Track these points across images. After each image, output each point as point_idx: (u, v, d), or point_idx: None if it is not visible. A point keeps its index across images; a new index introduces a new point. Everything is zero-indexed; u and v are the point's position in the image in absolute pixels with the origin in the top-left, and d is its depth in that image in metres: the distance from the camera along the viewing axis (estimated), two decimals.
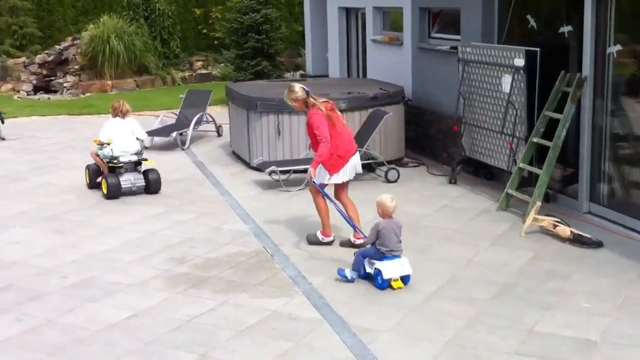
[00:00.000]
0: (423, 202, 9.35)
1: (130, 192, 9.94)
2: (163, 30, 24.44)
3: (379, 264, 6.66)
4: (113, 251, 7.67)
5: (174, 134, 12.93)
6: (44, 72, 22.61)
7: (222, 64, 25.59)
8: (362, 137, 10.49)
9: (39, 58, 22.88)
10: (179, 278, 6.90)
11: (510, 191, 8.77)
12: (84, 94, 21.88)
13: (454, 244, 7.70)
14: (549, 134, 8.57)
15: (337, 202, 7.79)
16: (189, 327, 5.86)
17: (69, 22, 27.10)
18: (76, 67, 22.58)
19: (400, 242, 6.82)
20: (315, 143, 7.67)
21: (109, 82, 22.42)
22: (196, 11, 26.86)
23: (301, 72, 21.34)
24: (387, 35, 13.70)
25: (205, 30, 26.73)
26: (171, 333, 5.75)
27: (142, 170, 10.15)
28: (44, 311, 6.20)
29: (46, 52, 23.12)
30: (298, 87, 7.83)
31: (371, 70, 14.22)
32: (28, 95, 21.88)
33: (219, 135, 14.12)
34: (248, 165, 11.20)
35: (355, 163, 7.90)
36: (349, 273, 6.76)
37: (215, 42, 25.94)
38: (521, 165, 8.80)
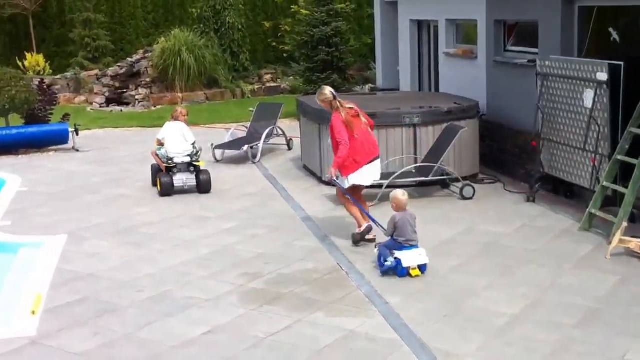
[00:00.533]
0: (500, 220, 9.10)
1: (182, 191, 10.79)
2: (233, 43, 24.62)
3: (398, 254, 7.30)
4: (187, 265, 7.65)
5: (245, 147, 12.93)
6: (116, 84, 22.96)
7: (291, 77, 25.65)
8: (436, 152, 10.32)
9: (111, 70, 23.26)
10: (253, 294, 6.82)
11: (593, 211, 8.45)
12: (155, 107, 22.14)
13: (535, 265, 7.44)
14: (634, 151, 8.25)
15: (358, 202, 8.47)
16: (266, 344, 5.77)
17: (141, 35, 27.54)
18: (148, 79, 22.87)
19: (416, 232, 7.47)
20: (335, 145, 8.26)
21: (180, 95, 22.64)
22: (266, 24, 27.02)
23: (370, 85, 21.23)
24: (461, 48, 13.49)
25: (274, 43, 26.84)
26: (249, 350, 5.67)
27: (194, 171, 11.02)
28: (120, 325, 6.19)
29: (118, 64, 23.50)
30: (328, 89, 8.61)
31: (443, 84, 14.02)
32: (101, 107, 22.24)
33: (290, 148, 14.09)
34: (320, 179, 11.11)
35: (373, 170, 8.51)
36: (380, 267, 7.38)
37: (284, 55, 26.03)
38: (605, 183, 8.48)
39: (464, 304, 6.46)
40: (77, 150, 14.68)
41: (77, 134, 14.86)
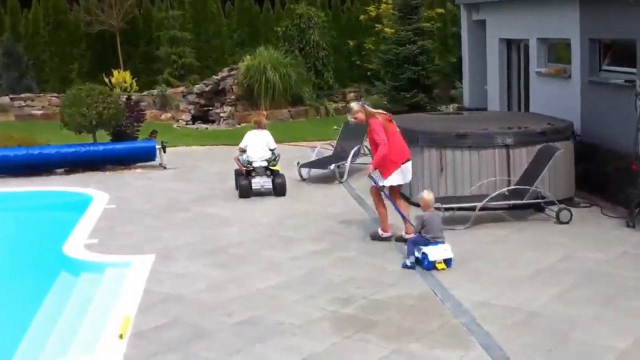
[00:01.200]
0: (600, 246, 8.67)
1: (259, 193, 11.80)
2: (317, 62, 24.60)
3: (425, 249, 8.00)
4: (277, 288, 7.48)
5: (332, 167, 12.77)
6: (202, 101, 23.18)
7: (375, 95, 25.45)
8: (530, 175, 9.96)
9: (197, 88, 23.50)
10: (346, 320, 6.61)
11: None
12: (239, 124, 22.21)
13: None
14: None
15: (392, 199, 9.12)
16: None
17: (226, 52, 27.82)
18: (233, 97, 23.00)
19: (442, 230, 8.16)
20: (374, 147, 9.05)
21: (264, 113, 22.62)
22: (350, 42, 26.94)
23: (455, 104, 20.88)
24: (553, 67, 13.06)
25: (358, 62, 26.75)
26: None
27: (271, 174, 11.97)
28: (211, 351, 6.04)
29: (204, 82, 23.73)
30: (354, 103, 9.56)
31: (535, 104, 13.57)
32: (186, 124, 22.47)
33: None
34: (408, 200, 10.84)
35: (407, 170, 9.16)
36: (407, 261, 8.07)
37: (368, 73, 25.91)
38: None
39: (568, 337, 6.10)
40: (164, 168, 14.78)
41: (165, 151, 14.96)
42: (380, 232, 9.13)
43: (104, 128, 14.65)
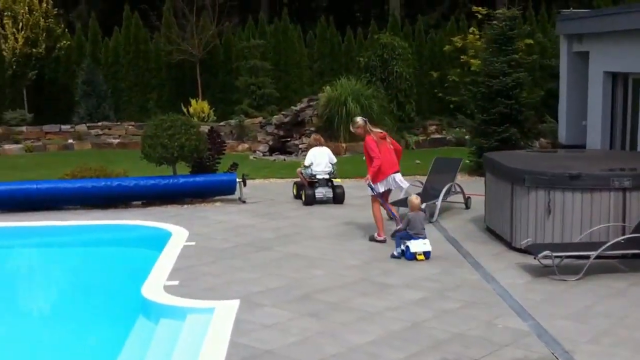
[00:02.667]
0: None
1: (322, 202, 13.68)
2: (399, 93, 23.95)
3: (408, 242, 9.77)
4: (376, 344, 6.69)
5: (424, 206, 11.91)
6: (280, 132, 22.69)
7: (457, 129, 24.66)
8: None
9: (275, 118, 23.05)
10: None
11: None
12: None
13: None
14: None
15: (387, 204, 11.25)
16: None
17: (305, 83, 27.38)
18: (312, 128, 22.43)
19: (424, 229, 9.95)
20: (369, 160, 10.89)
21: (343, 145, 22.08)
22: (433, 74, 26.22)
23: (544, 140, 19.89)
24: None
25: (440, 94, 26.01)
26: None
27: (331, 186, 13.95)
28: None
29: (283, 112, 23.25)
30: (359, 118, 11.33)
31: None
32: (263, 155, 22.00)
33: (467, 207, 13.04)
34: (509, 245, 9.99)
35: (396, 179, 11.11)
36: (395, 252, 9.92)
37: (451, 105, 25.12)
38: None
39: None
40: (244, 202, 14.21)
41: (245, 185, 14.42)
42: (376, 236, 10.82)
43: (185, 160, 14.15)
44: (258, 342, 6.80)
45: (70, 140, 24.97)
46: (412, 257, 9.62)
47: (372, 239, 10.84)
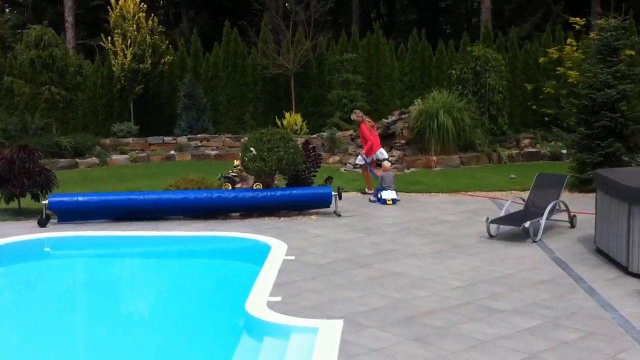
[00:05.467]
0: None
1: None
2: (492, 106, 23.53)
3: (382, 193, 15.62)
4: None
5: (527, 224, 11.58)
6: None
7: (552, 142, 24.06)
8: None
9: None
10: None
11: None
12: (408, 170, 21.49)
13: None
14: None
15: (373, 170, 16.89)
16: None
17: (396, 96, 27.21)
18: (402, 141, 22.27)
19: (393, 183, 15.93)
20: (364, 142, 16.88)
21: (434, 158, 21.82)
22: (527, 87, 25.67)
23: None
24: None
25: (534, 107, 25.44)
26: None
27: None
28: None
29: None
30: (358, 110, 18.10)
31: None
32: (355, 168, 21.85)
33: (573, 226, 12.58)
34: (625, 270, 9.51)
35: (379, 153, 16.93)
36: (372, 198, 15.81)
37: (546, 119, 24.55)
38: None
39: None
40: (339, 215, 14.10)
41: (340, 198, 14.32)
42: (367, 190, 16.71)
43: (283, 173, 14.21)
44: None
45: (172, 152, 25.80)
46: (384, 202, 15.34)
47: (363, 192, 16.77)
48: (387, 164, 16.53)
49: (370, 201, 15.24)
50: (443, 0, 47.82)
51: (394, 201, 15.29)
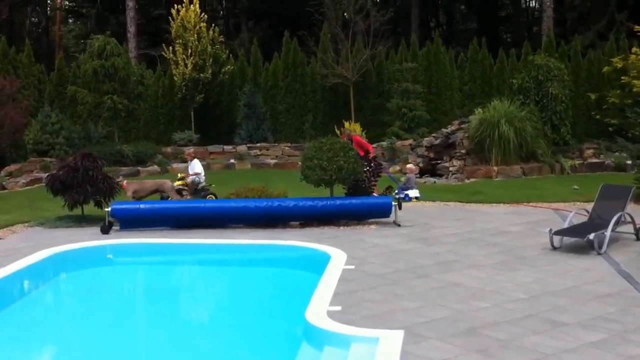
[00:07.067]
0: None
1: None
2: (554, 116, 23.22)
3: (407, 191, 17.62)
4: None
5: (592, 236, 11.36)
6: (431, 155, 22.44)
7: (617, 153, 23.61)
8: None
9: (426, 141, 22.85)
10: None
11: None
12: (468, 179, 21.31)
13: None
14: None
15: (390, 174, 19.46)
16: None
17: (455, 105, 27.05)
18: (462, 151, 22.09)
19: (415, 183, 18.51)
20: (361, 150, 16.73)
21: (495, 168, 21.61)
22: (590, 96, 25.26)
23: None
24: None
25: (597, 116, 25.01)
26: None
27: None
28: None
29: (433, 135, 23.04)
30: (346, 129, 20.91)
31: None
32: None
33: (638, 239, 12.30)
34: None
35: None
36: (397, 196, 15.92)
37: (610, 128, 24.11)
38: None
39: None
40: (399, 225, 14.04)
41: (400, 208, 14.26)
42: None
43: (343, 182, 14.21)
44: None
45: (232, 160, 26.06)
46: (409, 199, 17.40)
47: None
48: (410, 166, 19.82)
49: (399, 198, 15.10)
50: (503, 8, 47.38)
51: (417, 198, 17.64)
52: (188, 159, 18.59)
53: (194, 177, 17.49)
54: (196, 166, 17.85)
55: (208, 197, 16.53)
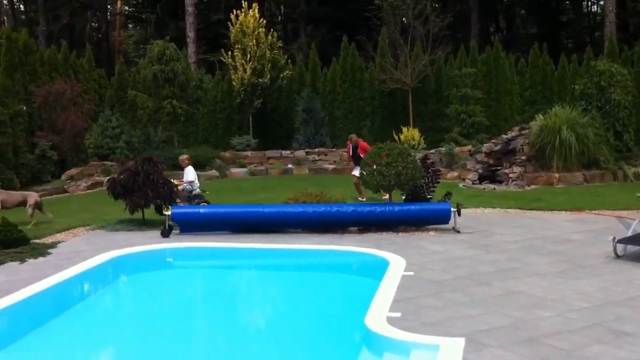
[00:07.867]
0: None
1: None
2: (617, 122, 22.78)
3: None
4: None
5: None
6: (490, 161, 22.22)
7: None
8: None
9: (485, 147, 22.62)
10: None
11: None
12: (528, 186, 21.03)
13: None
14: None
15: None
16: None
17: (515, 111, 26.76)
18: (523, 157, 21.83)
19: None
20: (364, 153, 16.53)
21: (556, 175, 21.29)
22: None
23: None
24: None
25: None
26: None
27: None
28: None
29: (493, 141, 22.81)
30: (353, 135, 19.40)
31: None
32: (473, 184, 21.65)
33: None
34: None
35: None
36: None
37: None
38: None
39: None
40: (458, 232, 13.95)
41: (459, 214, 14.16)
42: (359, 198, 17.23)
43: (401, 188, 14.18)
44: None
45: (290, 165, 26.15)
46: None
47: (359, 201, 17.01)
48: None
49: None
50: (564, 13, 46.73)
51: None
52: (182, 165, 17.97)
53: (186, 185, 17.11)
54: (190, 173, 17.38)
55: (202, 204, 16.30)
